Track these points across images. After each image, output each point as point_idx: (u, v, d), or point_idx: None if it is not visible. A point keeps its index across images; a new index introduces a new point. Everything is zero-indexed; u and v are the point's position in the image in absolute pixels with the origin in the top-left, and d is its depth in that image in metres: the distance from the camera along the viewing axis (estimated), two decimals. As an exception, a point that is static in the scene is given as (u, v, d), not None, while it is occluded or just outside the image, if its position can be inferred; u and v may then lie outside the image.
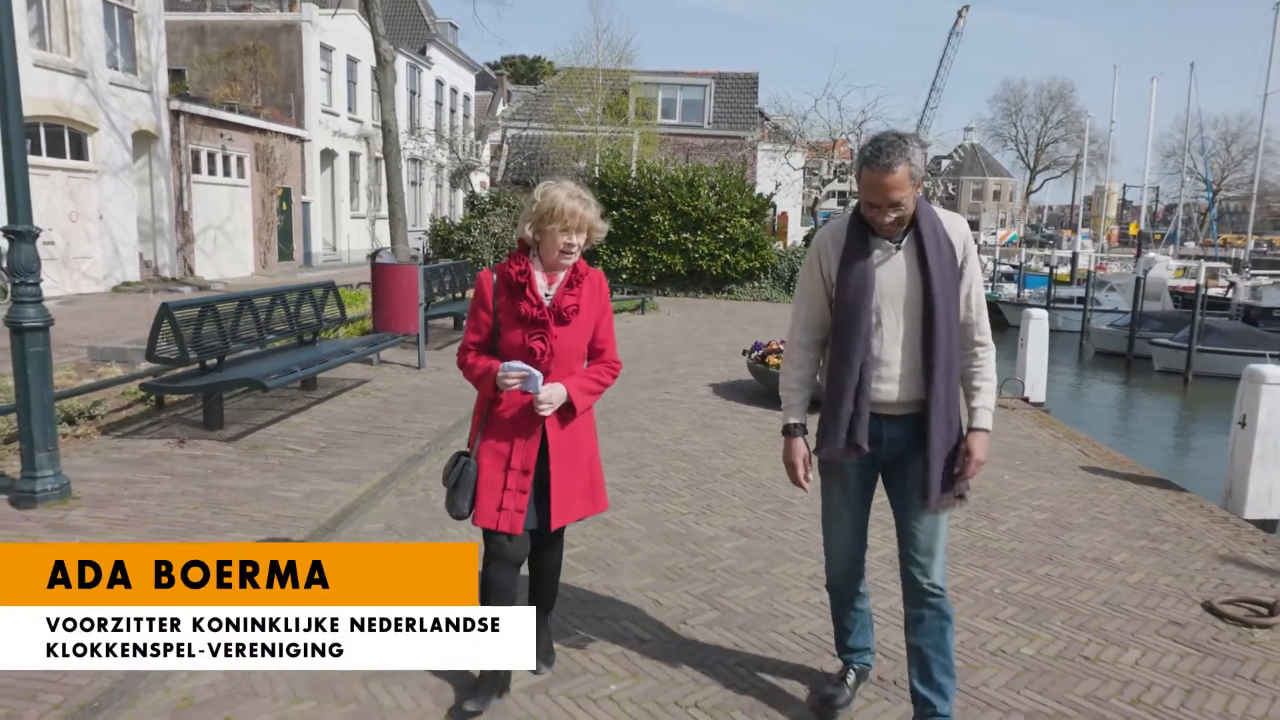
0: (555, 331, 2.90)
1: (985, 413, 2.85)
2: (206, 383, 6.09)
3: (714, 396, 8.88)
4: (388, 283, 8.81)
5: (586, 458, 3.07)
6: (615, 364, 3.11)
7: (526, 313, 2.89)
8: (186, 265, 22.20)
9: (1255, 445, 5.97)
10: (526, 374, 2.81)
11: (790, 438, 2.97)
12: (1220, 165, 76.50)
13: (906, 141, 2.64)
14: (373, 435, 6.57)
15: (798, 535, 4.98)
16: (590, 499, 3.08)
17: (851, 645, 3.24)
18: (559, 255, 2.90)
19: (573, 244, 2.89)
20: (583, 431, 3.05)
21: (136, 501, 4.90)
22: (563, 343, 2.92)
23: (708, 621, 3.85)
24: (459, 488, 2.92)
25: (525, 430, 2.92)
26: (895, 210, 2.66)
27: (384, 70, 17.13)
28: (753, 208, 19.93)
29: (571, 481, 2.99)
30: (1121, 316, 28.58)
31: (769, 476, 6.13)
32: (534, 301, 2.89)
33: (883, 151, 2.60)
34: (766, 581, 4.30)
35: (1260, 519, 5.91)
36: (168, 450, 5.92)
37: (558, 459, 2.95)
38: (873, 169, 2.62)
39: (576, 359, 3.00)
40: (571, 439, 2.99)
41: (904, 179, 2.61)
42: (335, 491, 5.22)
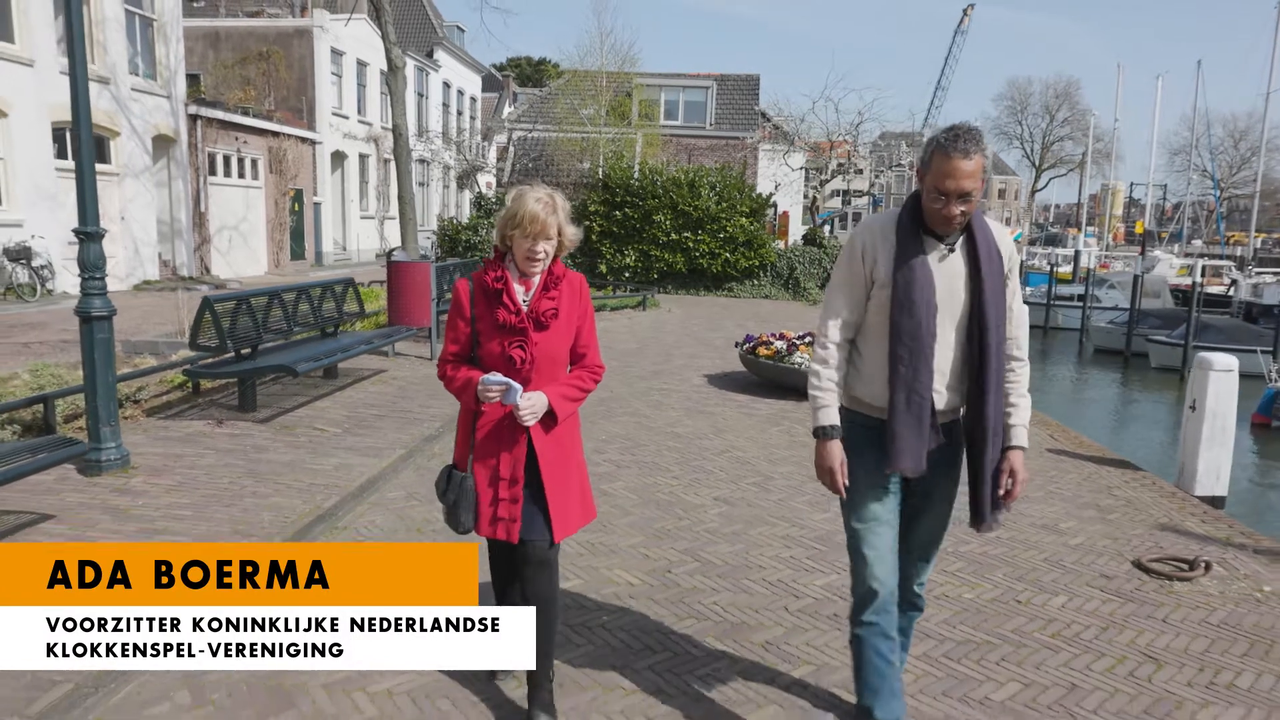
0: (535, 338, 2.85)
1: (1023, 430, 2.78)
2: (243, 369, 6.70)
3: (708, 386, 9.45)
4: (403, 279, 9.40)
5: (575, 464, 3.04)
6: (598, 368, 3.05)
7: (504, 320, 2.84)
8: (203, 264, 22.81)
9: (1204, 428, 6.50)
10: (506, 386, 2.77)
11: (825, 439, 2.76)
12: (1228, 163, 76.52)
13: (982, 135, 2.55)
14: (391, 418, 7.16)
15: (775, 504, 5.54)
16: (582, 507, 3.06)
17: (879, 715, 2.67)
18: (525, 262, 2.84)
19: (538, 250, 2.81)
20: (568, 439, 3.01)
21: (187, 471, 5.50)
22: (543, 349, 2.87)
23: (689, 571, 4.42)
24: (460, 504, 2.90)
25: (511, 440, 2.89)
26: (964, 202, 2.55)
27: (395, 76, 17.70)
28: (752, 207, 20.48)
29: (566, 490, 2.96)
30: (1120, 314, 28.99)
31: (753, 455, 6.69)
32: (511, 308, 2.84)
33: (961, 138, 2.50)
34: (744, 540, 4.87)
35: (1208, 495, 6.44)
36: (208, 430, 6.52)
37: (547, 467, 2.91)
38: (950, 154, 2.50)
39: (559, 364, 2.94)
40: (558, 446, 2.96)
41: (979, 169, 2.51)
42: (360, 465, 5.80)
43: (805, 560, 4.62)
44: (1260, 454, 16.11)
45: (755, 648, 3.66)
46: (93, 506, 4.81)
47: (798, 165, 29.50)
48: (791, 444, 7.06)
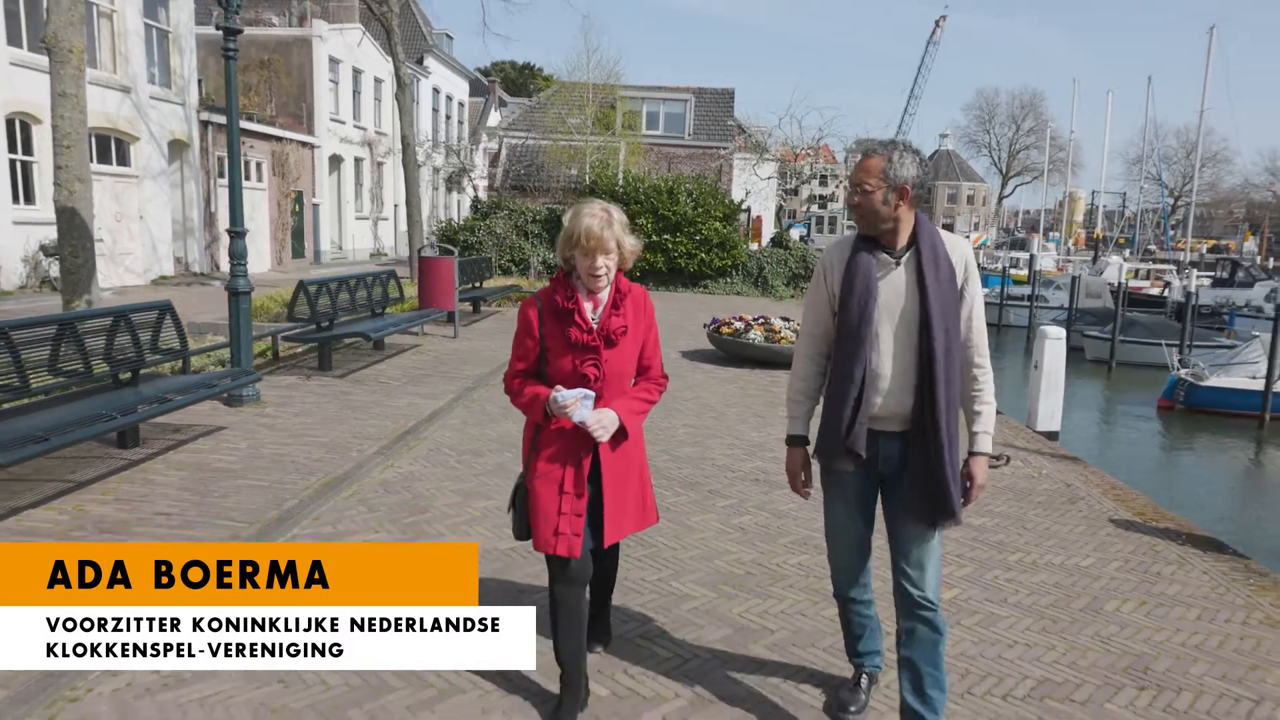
0: (606, 355, 2.88)
1: (986, 437, 2.86)
2: (328, 335, 8.84)
3: (682, 359, 11.64)
4: (431, 271, 11.51)
5: (637, 473, 3.08)
6: (662, 379, 3.10)
7: (577, 339, 2.86)
8: (213, 261, 24.54)
9: (1042, 381, 8.79)
10: (582, 396, 2.81)
11: (791, 447, 3.03)
12: (1181, 172, 79.75)
13: (898, 147, 2.77)
14: (436, 376, 9.29)
15: (725, 428, 7.73)
16: (641, 513, 3.09)
17: (862, 650, 3.27)
18: (589, 279, 2.88)
19: (599, 266, 2.85)
20: (634, 449, 3.04)
21: (301, 405, 7.59)
22: (613, 365, 2.90)
23: (662, 460, 6.58)
24: (515, 511, 3.02)
25: (577, 453, 2.90)
26: (858, 194, 2.77)
27: (404, 92, 19.76)
28: (726, 213, 22.66)
29: (624, 500, 3.00)
30: (1062, 312, 31.62)
31: (713, 401, 8.91)
32: (583, 327, 2.87)
33: (872, 144, 2.81)
34: (702, 446, 7.06)
35: (1046, 430, 8.73)
36: (300, 382, 8.62)
37: (610, 478, 2.94)
38: (859, 154, 2.83)
39: (627, 379, 2.98)
40: (623, 458, 2.99)
41: (873, 168, 2.73)
42: (424, 403, 7.93)
43: (742, 455, 6.82)
44: (1164, 432, 18.55)
45: (705, 492, 5.84)
46: (248, 424, 6.89)
47: (766, 175, 31.84)
48: (743, 395, 9.26)
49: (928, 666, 2.88)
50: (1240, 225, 78.56)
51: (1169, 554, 5.15)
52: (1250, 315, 31.92)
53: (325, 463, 5.98)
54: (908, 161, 2.73)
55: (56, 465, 5.56)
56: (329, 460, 6.05)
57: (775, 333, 10.96)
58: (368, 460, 6.15)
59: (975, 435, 2.86)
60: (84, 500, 5.04)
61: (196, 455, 6.03)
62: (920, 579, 2.87)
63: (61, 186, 8.25)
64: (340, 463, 5.99)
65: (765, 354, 10.85)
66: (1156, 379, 20.95)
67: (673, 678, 3.47)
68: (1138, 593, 4.55)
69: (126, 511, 4.88)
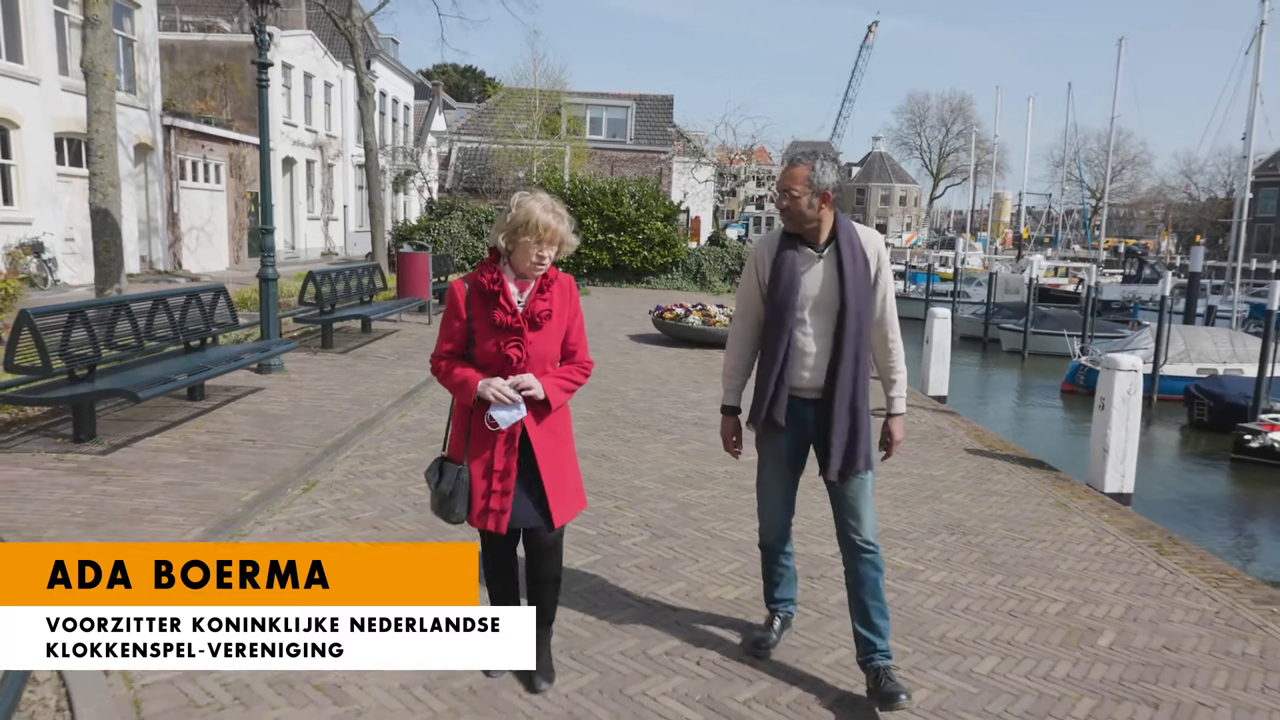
0: (530, 337, 2.96)
1: (900, 400, 3.31)
2: (331, 317, 10.32)
3: (629, 341, 13.35)
4: (409, 264, 13.00)
5: (569, 453, 3.17)
6: (587, 364, 3.18)
7: (501, 320, 2.94)
8: (176, 260, 25.40)
9: (932, 353, 10.67)
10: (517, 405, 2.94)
11: (725, 415, 3.45)
12: (1102, 174, 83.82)
13: (819, 155, 3.11)
14: (422, 352, 10.82)
15: (669, 390, 9.44)
16: (576, 495, 3.19)
17: (778, 596, 3.65)
18: (530, 266, 2.97)
19: (544, 256, 2.96)
20: (562, 429, 3.14)
21: (318, 373, 9.07)
22: (537, 348, 2.98)
23: (620, 410, 8.25)
24: (457, 495, 3.00)
25: (506, 434, 2.98)
26: (785, 199, 3.11)
27: (366, 100, 21.07)
28: (666, 213, 24.37)
29: (564, 476, 3.09)
30: (981, 307, 34.14)
31: (657, 371, 10.65)
32: (508, 309, 2.95)
33: (797, 153, 3.14)
34: (651, 401, 8.77)
35: (937, 395, 10.60)
36: (310, 357, 10.08)
37: (544, 455, 3.03)
38: (786, 163, 3.14)
39: (551, 362, 3.06)
40: (553, 435, 3.08)
41: (799, 176, 3.07)
42: (417, 373, 9.45)
43: (683, 409, 8.54)
44: (1065, 410, 20.81)
45: (655, 430, 7.52)
46: (280, 386, 8.35)
47: (703, 179, 33.76)
48: (683, 368, 11.00)
49: (873, 600, 3.22)
50: (1158, 225, 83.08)
51: (1002, 468, 6.99)
52: (1153, 309, 34.75)
53: (354, 411, 7.48)
54: (829, 169, 3.09)
55: (148, 411, 6.92)
56: (356, 410, 7.55)
57: (711, 317, 12.70)
58: (386, 410, 7.69)
59: (892, 399, 3.33)
60: (186, 432, 6.49)
61: (253, 405, 7.49)
62: (859, 526, 3.21)
63: (96, 191, 9.54)
64: (365, 412, 7.49)
65: (702, 335, 12.59)
66: (1063, 366, 23.26)
67: (636, 526, 5.18)
68: (969, 488, 6.36)
69: (221, 439, 6.35)
